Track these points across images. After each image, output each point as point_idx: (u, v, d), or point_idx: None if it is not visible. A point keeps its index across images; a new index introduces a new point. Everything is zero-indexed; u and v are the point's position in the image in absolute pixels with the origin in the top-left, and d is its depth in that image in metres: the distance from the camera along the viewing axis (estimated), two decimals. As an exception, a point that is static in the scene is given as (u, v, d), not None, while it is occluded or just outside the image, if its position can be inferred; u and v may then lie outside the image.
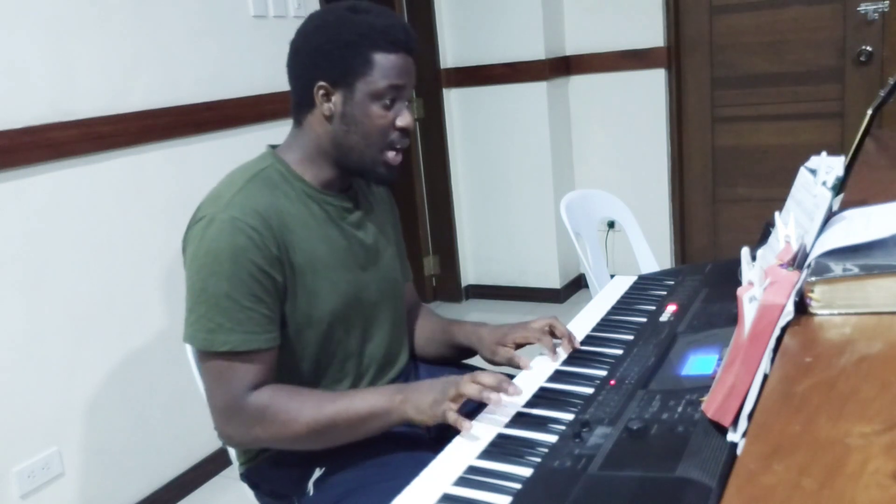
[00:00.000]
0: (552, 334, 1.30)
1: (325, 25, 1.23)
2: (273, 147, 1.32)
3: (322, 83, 1.22)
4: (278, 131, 1.33)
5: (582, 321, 1.40)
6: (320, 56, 1.22)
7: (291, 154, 1.29)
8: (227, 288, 1.14)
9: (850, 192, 1.45)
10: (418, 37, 1.27)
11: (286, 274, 1.20)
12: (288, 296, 1.22)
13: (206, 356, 1.18)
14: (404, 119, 1.25)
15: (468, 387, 1.09)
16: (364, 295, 1.33)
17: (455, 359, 1.50)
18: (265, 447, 1.27)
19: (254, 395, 1.17)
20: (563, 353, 1.26)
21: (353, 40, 1.19)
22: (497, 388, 1.08)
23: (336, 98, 1.23)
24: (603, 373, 1.15)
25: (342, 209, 1.31)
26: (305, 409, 1.16)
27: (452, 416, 1.07)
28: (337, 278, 1.27)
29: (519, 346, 1.34)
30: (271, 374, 1.20)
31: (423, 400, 1.14)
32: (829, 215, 1.12)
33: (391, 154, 1.26)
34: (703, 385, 0.97)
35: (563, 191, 3.51)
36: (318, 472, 1.24)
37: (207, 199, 1.23)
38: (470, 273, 3.91)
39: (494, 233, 3.80)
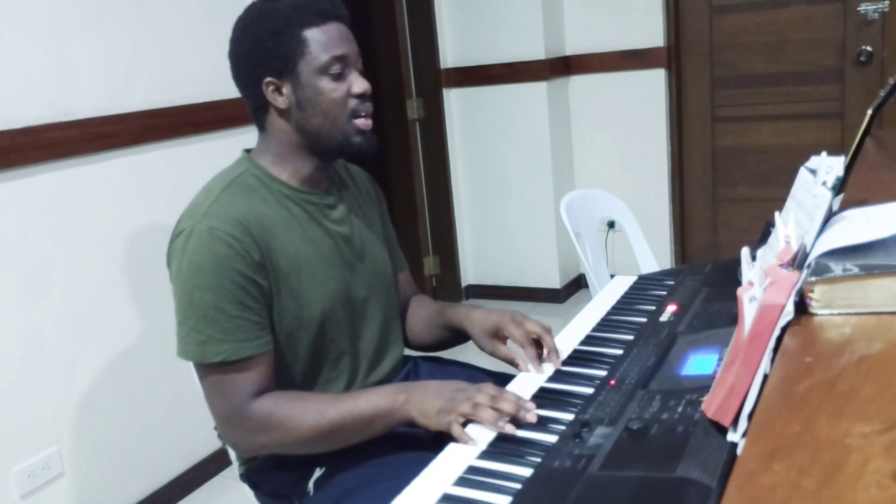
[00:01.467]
0: (538, 343, 1.26)
1: (251, 23, 1.23)
2: (249, 151, 1.32)
3: (268, 79, 1.22)
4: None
5: (582, 321, 1.40)
6: (256, 53, 1.22)
7: (265, 157, 1.29)
8: (213, 299, 1.14)
9: (850, 192, 1.45)
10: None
11: (271, 279, 1.20)
12: (275, 300, 1.21)
13: (201, 369, 1.19)
14: (359, 85, 1.24)
15: (484, 413, 1.04)
16: (353, 292, 1.32)
17: (451, 342, 1.47)
18: (271, 453, 1.27)
19: (256, 403, 1.17)
20: (546, 368, 1.21)
21: (281, 26, 1.19)
22: (515, 415, 1.03)
23: (286, 89, 1.23)
24: (603, 373, 1.14)
25: (323, 206, 1.31)
26: (308, 415, 1.16)
27: (457, 431, 1.04)
28: (324, 278, 1.27)
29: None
30: (270, 378, 1.20)
31: (429, 404, 1.11)
32: (829, 215, 1.12)
33: (359, 121, 1.25)
34: (703, 385, 0.97)
35: (563, 191, 3.51)
36: (318, 472, 1.24)
37: (186, 211, 1.22)
38: (470, 273, 3.91)
39: (494, 233, 3.80)
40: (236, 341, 1.15)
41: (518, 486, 0.87)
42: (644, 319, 1.33)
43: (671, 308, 1.34)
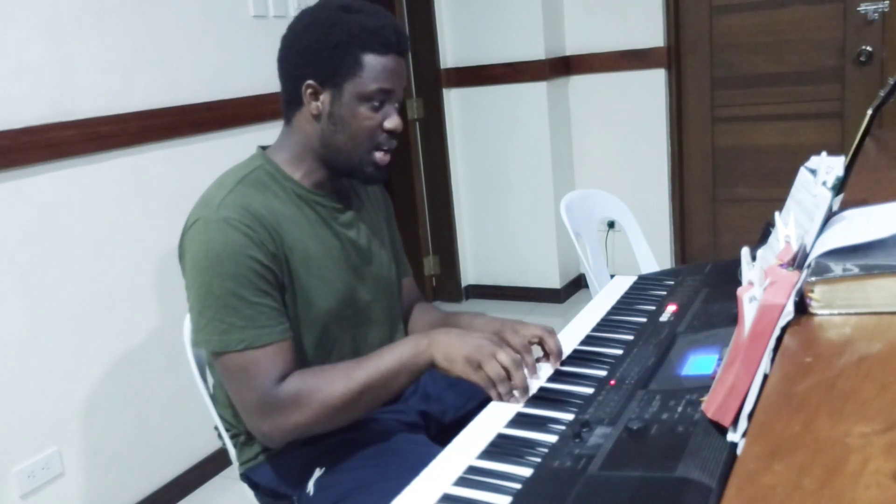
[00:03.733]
0: (541, 346, 1.25)
1: (315, 24, 1.22)
2: (264, 148, 1.32)
3: (310, 82, 1.22)
4: (278, 131, 1.33)
5: (582, 321, 1.40)
6: (310, 55, 1.21)
7: (281, 154, 1.29)
8: (232, 286, 1.14)
9: (850, 192, 1.45)
10: (410, 38, 1.28)
11: (283, 271, 1.21)
12: (286, 294, 1.22)
13: (224, 357, 1.18)
14: (392, 121, 1.24)
15: (517, 376, 1.11)
16: (358, 294, 1.33)
17: None
18: (305, 435, 1.23)
19: (283, 385, 1.17)
20: (546, 370, 1.20)
21: (344, 40, 1.19)
22: (523, 389, 1.11)
23: (324, 97, 1.23)
24: (603, 373, 1.14)
25: (333, 210, 1.31)
26: (337, 382, 1.17)
27: (505, 389, 1.11)
28: (331, 278, 1.27)
29: None
30: (293, 362, 1.20)
31: (454, 349, 1.14)
32: (829, 215, 1.12)
33: (379, 154, 1.26)
34: (703, 385, 0.97)
35: (563, 191, 3.51)
36: (318, 472, 1.24)
37: (198, 203, 1.23)
38: (470, 273, 3.91)
39: (494, 233, 3.80)
40: (258, 328, 1.16)
41: (518, 486, 0.87)
42: (644, 319, 1.33)
43: (671, 308, 1.34)
